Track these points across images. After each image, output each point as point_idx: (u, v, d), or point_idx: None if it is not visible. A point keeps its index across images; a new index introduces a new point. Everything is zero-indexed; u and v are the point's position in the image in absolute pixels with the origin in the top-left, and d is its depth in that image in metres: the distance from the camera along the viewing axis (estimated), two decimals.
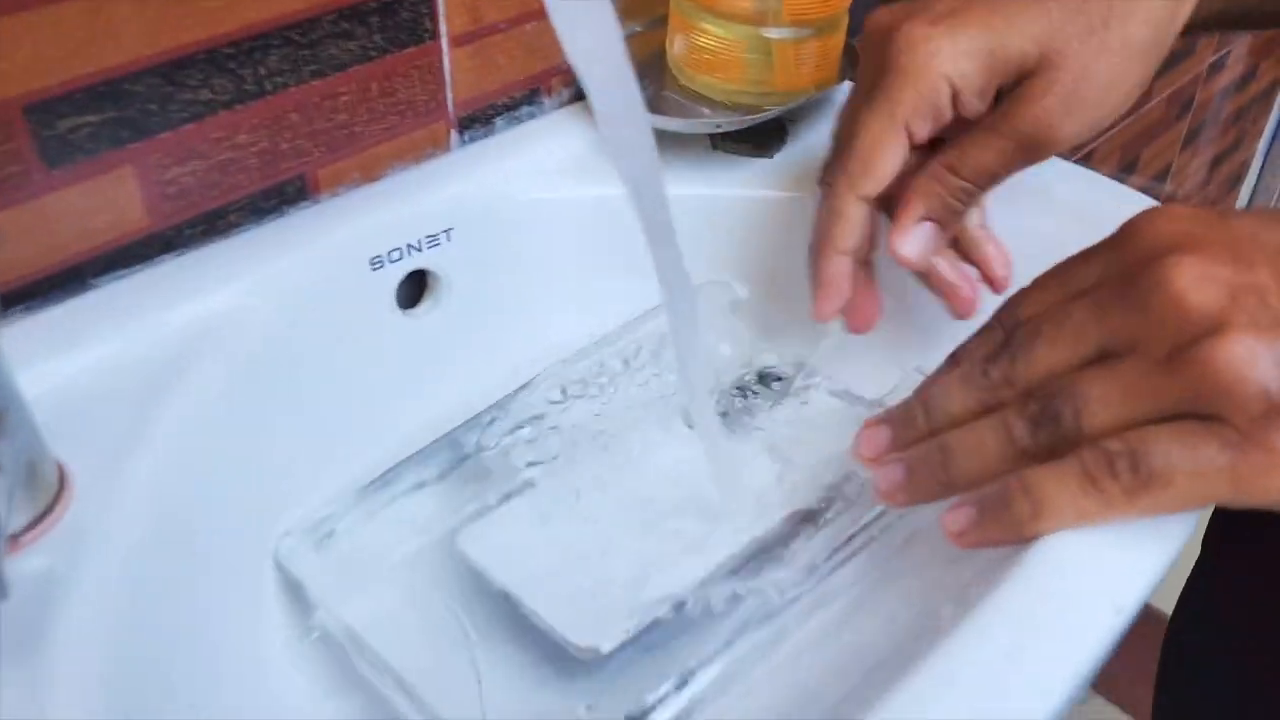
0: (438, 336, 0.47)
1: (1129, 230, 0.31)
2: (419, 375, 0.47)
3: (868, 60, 0.40)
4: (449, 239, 0.46)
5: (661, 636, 0.37)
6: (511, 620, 0.39)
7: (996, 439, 0.31)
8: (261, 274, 0.41)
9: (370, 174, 0.47)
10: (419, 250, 0.45)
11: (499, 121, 0.50)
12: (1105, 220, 0.43)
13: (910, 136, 0.39)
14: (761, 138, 0.52)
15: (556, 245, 0.49)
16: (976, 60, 0.37)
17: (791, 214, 0.51)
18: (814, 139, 0.53)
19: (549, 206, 0.49)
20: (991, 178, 0.39)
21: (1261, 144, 1.48)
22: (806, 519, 0.40)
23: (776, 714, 0.36)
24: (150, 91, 0.38)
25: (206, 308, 0.40)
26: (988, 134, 0.38)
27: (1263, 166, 1.50)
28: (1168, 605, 0.50)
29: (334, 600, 0.38)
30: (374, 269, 0.44)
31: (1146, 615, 0.31)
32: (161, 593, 0.35)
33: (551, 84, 0.52)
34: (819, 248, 0.41)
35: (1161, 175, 1.32)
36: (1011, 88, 0.38)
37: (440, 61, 0.47)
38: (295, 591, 0.40)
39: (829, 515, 0.40)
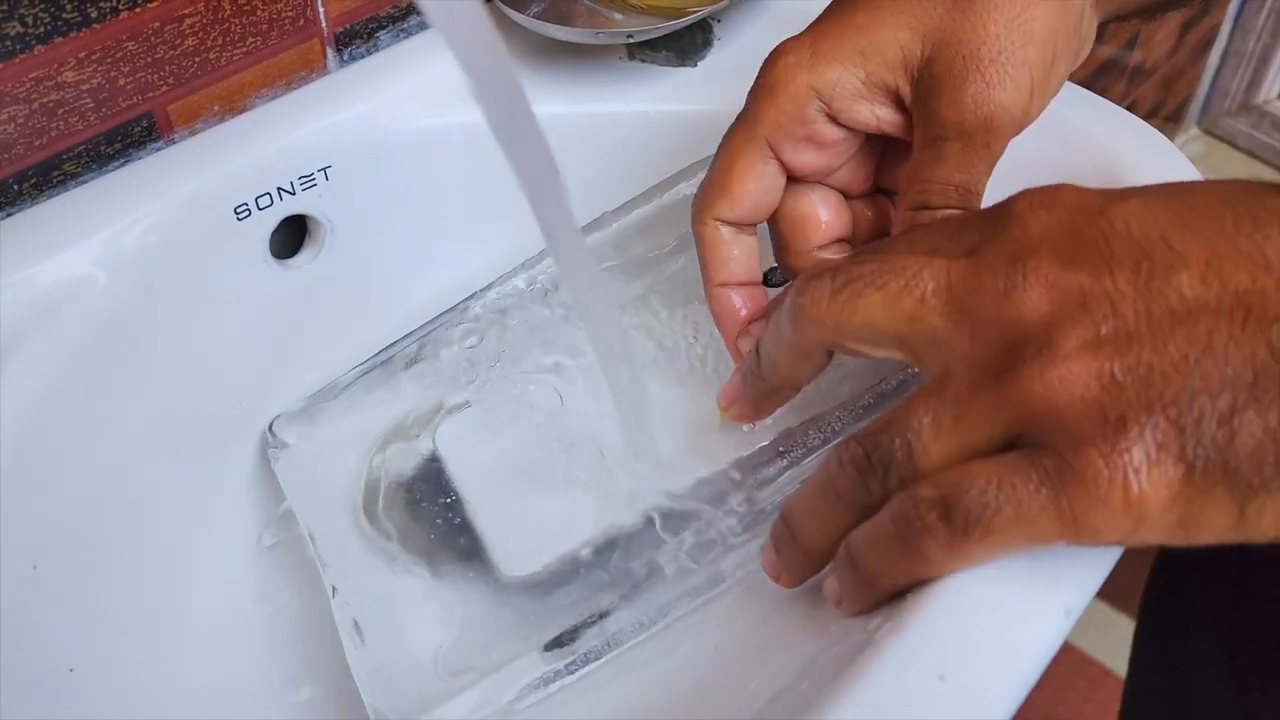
0: (321, 289, 0.42)
1: (1006, 214, 0.26)
2: (302, 335, 0.42)
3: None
4: (327, 178, 0.41)
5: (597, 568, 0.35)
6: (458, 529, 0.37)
7: (826, 501, 0.27)
8: (104, 234, 0.36)
9: (233, 105, 0.41)
10: (292, 194, 0.40)
11: (383, 36, 0.44)
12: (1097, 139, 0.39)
13: (781, 159, 0.35)
14: (682, 45, 0.46)
15: (451, 176, 0.43)
16: (845, 64, 0.33)
17: (718, 129, 0.45)
18: (743, 44, 0.47)
19: (441, 133, 0.43)
20: (967, 192, 0.33)
21: (1232, 8, 1.41)
22: (755, 466, 0.36)
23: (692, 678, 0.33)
24: None
25: (37, 278, 0.34)
26: (930, 146, 0.33)
27: (1233, 30, 1.44)
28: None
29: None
30: (240, 219, 0.39)
31: None
32: None
33: None
34: (705, 288, 0.37)
35: (1130, 43, 1.27)
36: (918, 88, 0.33)
37: None
38: None
39: (776, 467, 0.36)
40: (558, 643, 0.34)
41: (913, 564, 0.26)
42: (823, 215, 0.36)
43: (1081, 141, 0.39)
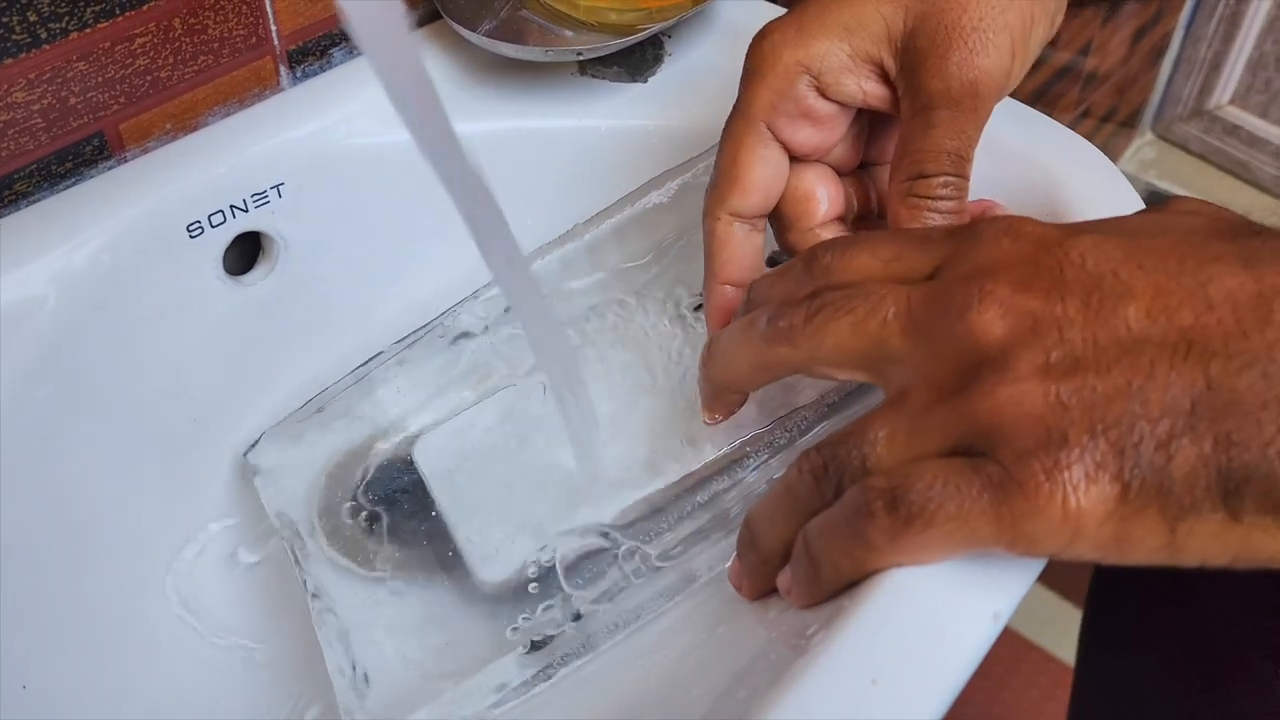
0: (276, 305, 0.42)
1: (969, 238, 0.28)
2: (258, 351, 0.42)
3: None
4: (280, 195, 0.41)
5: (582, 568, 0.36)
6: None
7: (784, 508, 0.29)
8: (56, 253, 0.36)
9: (186, 124, 0.41)
10: (245, 211, 0.40)
11: (336, 53, 0.45)
12: (1036, 158, 0.40)
13: (781, 140, 0.35)
14: (633, 61, 0.47)
15: (405, 192, 0.44)
16: (830, 38, 0.34)
17: (670, 144, 0.46)
18: (694, 58, 0.48)
19: (394, 149, 0.44)
20: (958, 158, 0.34)
21: (1183, 15, 1.44)
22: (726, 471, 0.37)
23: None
24: None
25: None
26: (919, 115, 0.34)
27: (1184, 37, 1.46)
28: None
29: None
30: (193, 236, 0.39)
31: None
32: None
33: None
34: (705, 280, 0.37)
35: (1084, 49, 1.29)
36: (903, 60, 0.34)
37: None
38: None
39: (743, 466, 0.37)
40: (535, 646, 0.35)
41: (857, 549, 0.27)
42: (823, 193, 0.36)
43: (1019, 157, 0.40)
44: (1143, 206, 0.39)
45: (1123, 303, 0.25)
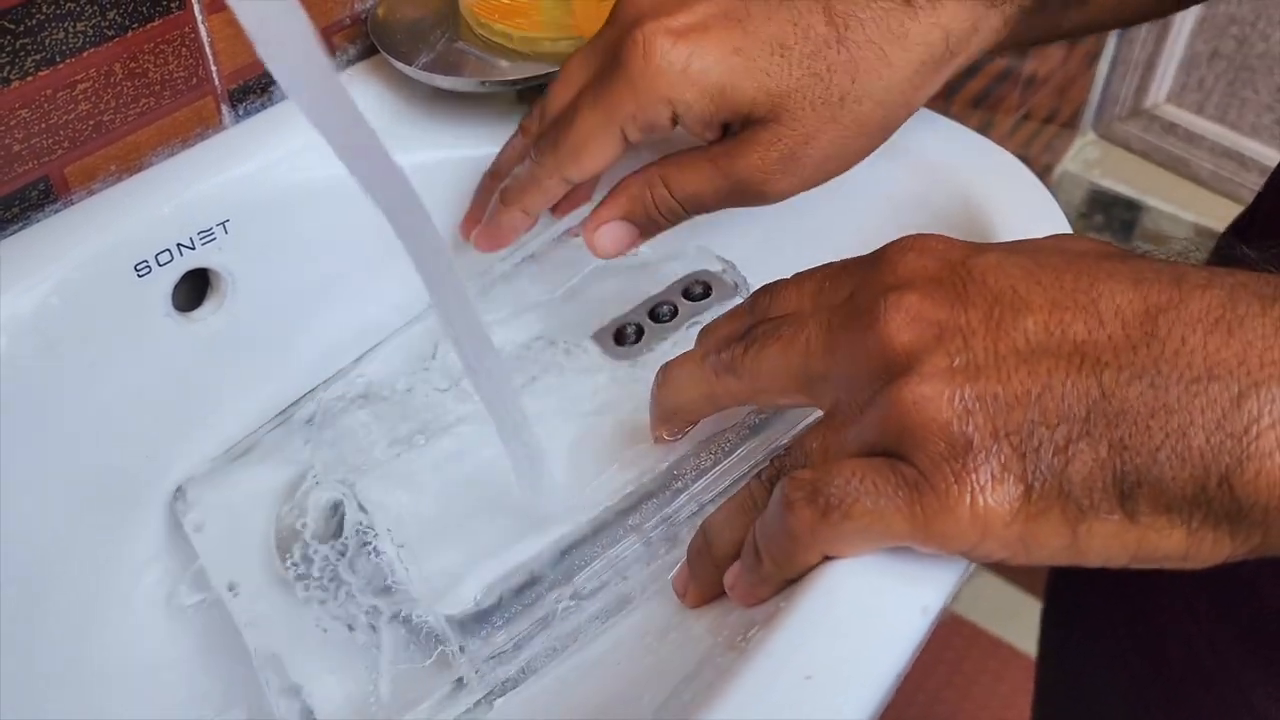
0: (225, 340, 0.43)
1: (880, 259, 0.30)
2: (208, 387, 0.43)
3: (607, 34, 0.39)
4: (226, 231, 0.42)
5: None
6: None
7: (743, 513, 0.31)
8: (4, 297, 0.37)
9: (130, 165, 0.42)
10: (192, 249, 0.41)
11: (276, 90, 0.46)
12: (960, 173, 0.42)
13: (625, 138, 0.38)
14: None
15: (350, 225, 0.45)
16: (705, 95, 0.37)
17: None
18: None
19: (341, 181, 0.44)
20: (700, 205, 0.39)
21: None
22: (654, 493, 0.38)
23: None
24: None
25: None
26: (707, 163, 0.38)
27: (1119, 38, 1.50)
28: None
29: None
30: (140, 275, 0.40)
31: None
32: None
33: (334, 41, 0.47)
34: (510, 198, 0.41)
35: (1022, 53, 1.31)
36: (740, 127, 0.38)
37: (196, 31, 0.42)
38: None
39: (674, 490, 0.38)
40: (476, 675, 0.35)
41: (784, 541, 0.28)
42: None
43: (940, 170, 0.42)
44: (1061, 213, 0.41)
45: (1021, 316, 0.26)
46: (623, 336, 0.42)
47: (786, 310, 0.31)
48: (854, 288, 0.29)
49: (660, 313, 0.42)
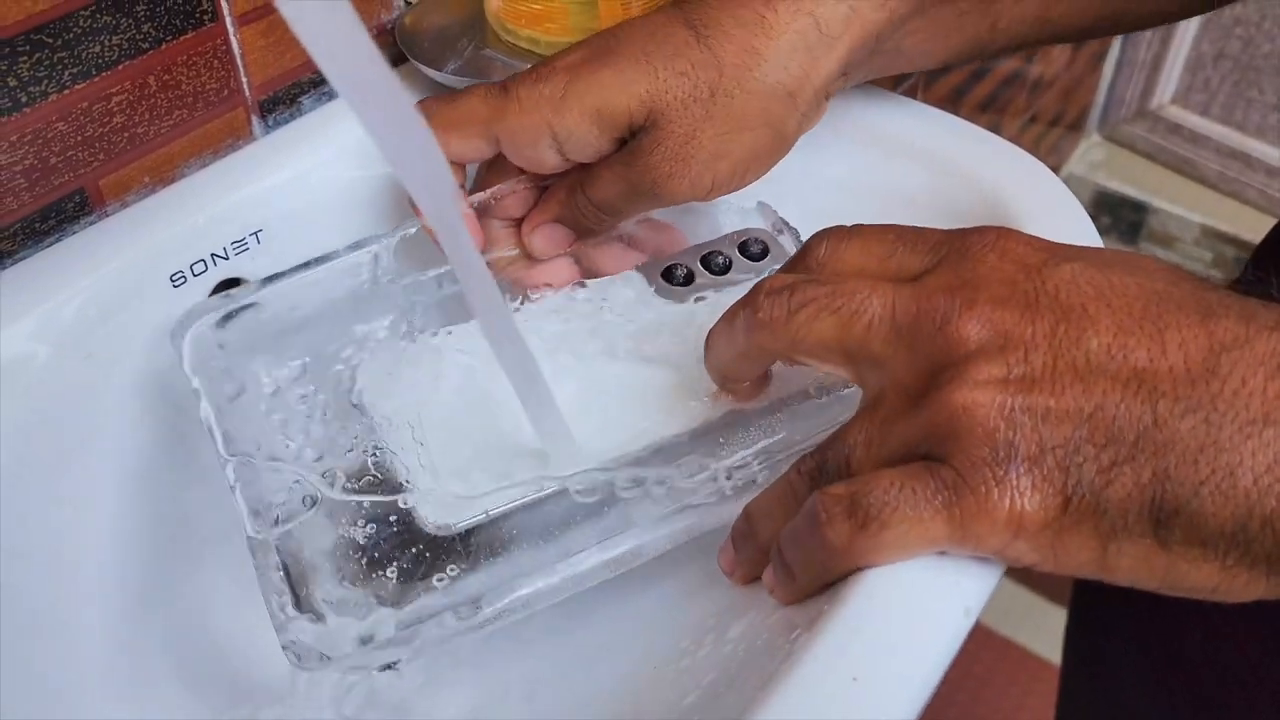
0: None
1: (961, 251, 0.29)
2: None
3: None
4: (259, 241, 0.42)
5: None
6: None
7: (782, 504, 0.31)
8: (42, 309, 0.37)
9: (164, 176, 0.42)
10: (225, 259, 0.42)
11: (305, 101, 0.46)
12: (964, 165, 0.42)
13: (500, 149, 0.39)
14: None
15: (377, 227, 0.45)
16: (584, 119, 0.37)
17: None
18: None
19: (368, 186, 0.45)
20: (613, 209, 0.40)
21: None
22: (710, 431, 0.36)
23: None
24: None
25: None
26: (607, 170, 0.39)
27: (1124, 41, 1.51)
28: None
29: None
30: (176, 286, 0.41)
31: None
32: None
33: None
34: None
35: (1030, 56, 1.32)
36: (631, 137, 0.38)
37: (228, 44, 0.42)
38: None
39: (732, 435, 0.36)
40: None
41: (819, 553, 0.28)
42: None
43: (965, 173, 0.42)
44: (1083, 212, 0.41)
45: (1086, 335, 0.27)
46: (671, 275, 0.41)
47: (847, 268, 0.31)
48: (924, 269, 0.29)
49: (715, 263, 0.41)
